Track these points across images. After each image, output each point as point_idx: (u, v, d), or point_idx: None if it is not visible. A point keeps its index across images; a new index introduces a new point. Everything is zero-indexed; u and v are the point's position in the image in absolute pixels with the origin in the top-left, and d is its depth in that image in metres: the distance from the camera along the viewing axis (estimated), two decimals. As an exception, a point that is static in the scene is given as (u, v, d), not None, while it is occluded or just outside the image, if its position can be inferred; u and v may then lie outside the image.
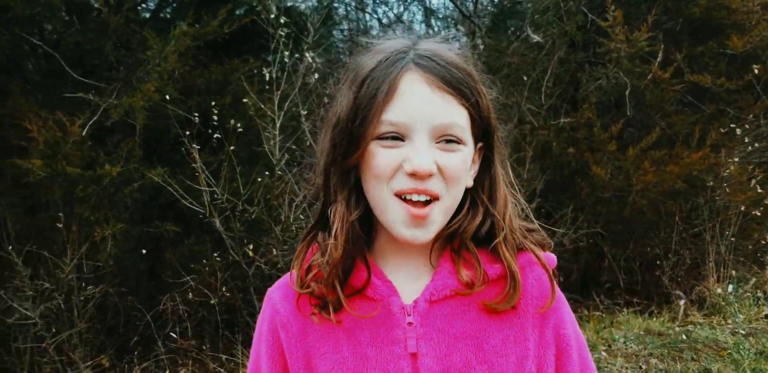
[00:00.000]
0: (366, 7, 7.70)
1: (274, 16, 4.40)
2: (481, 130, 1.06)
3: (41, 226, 4.39)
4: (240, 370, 4.41)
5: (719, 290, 5.26)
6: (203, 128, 4.23)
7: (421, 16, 7.70)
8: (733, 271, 5.53)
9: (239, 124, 4.09)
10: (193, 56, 4.32)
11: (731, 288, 5.32)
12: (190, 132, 4.08)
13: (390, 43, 1.06)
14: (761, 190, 5.39)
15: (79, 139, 3.90)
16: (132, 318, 4.64)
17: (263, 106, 4.13)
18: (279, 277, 1.16)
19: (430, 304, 1.05)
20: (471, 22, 6.41)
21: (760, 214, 5.54)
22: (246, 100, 4.20)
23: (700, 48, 5.35)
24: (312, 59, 4.51)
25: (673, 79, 5.16)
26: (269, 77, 4.07)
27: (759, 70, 5.25)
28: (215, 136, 4.22)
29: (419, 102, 0.98)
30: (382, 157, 0.99)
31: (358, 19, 7.98)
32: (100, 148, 4.14)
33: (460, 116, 1.01)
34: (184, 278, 4.44)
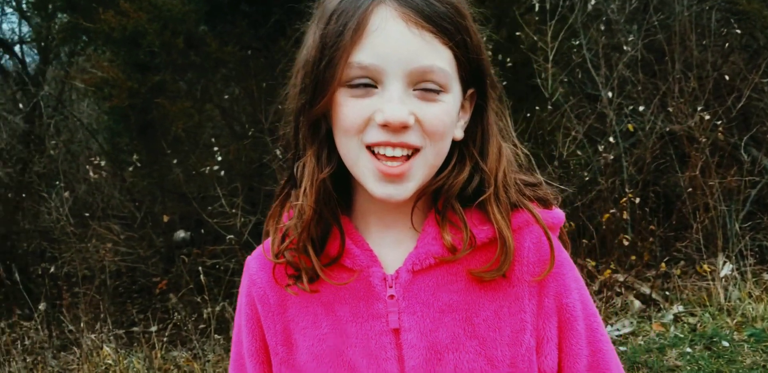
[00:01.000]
0: None
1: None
2: (470, 75, 0.91)
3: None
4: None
5: None
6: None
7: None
8: None
9: (507, 59, 4.07)
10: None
11: None
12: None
13: None
14: None
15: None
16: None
17: (534, 37, 4.04)
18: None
19: (413, 274, 0.93)
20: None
21: None
22: (519, 33, 4.15)
23: None
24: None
25: None
26: (538, 7, 3.95)
27: None
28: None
29: (393, 41, 0.84)
30: (350, 109, 0.87)
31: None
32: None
33: (442, 59, 0.87)
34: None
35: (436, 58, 0.86)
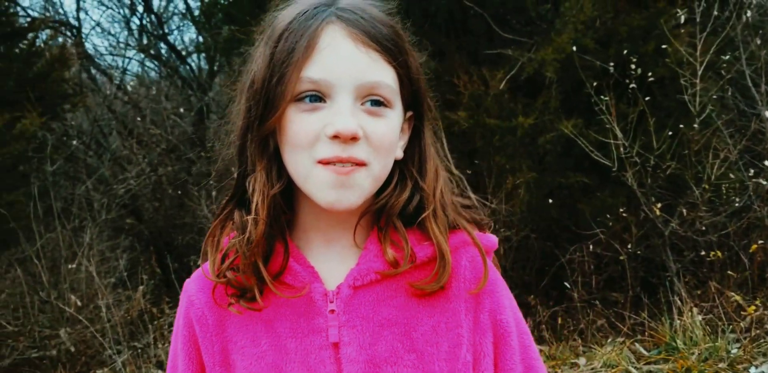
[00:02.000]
0: None
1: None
2: (411, 95, 0.95)
3: (478, 172, 4.92)
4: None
5: None
6: (620, 78, 4.10)
7: None
8: None
9: (649, 74, 3.83)
10: (612, 3, 4.17)
11: None
12: (606, 83, 4.00)
13: None
14: None
15: (499, 93, 4.18)
16: (542, 264, 4.87)
17: (683, 51, 3.77)
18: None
19: (354, 289, 0.94)
20: None
21: None
22: (665, 46, 3.90)
23: None
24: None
25: None
26: (685, 19, 3.69)
27: None
28: (631, 86, 4.05)
29: (342, 58, 0.88)
30: (300, 124, 0.89)
31: None
32: (518, 100, 4.36)
33: (387, 75, 0.90)
34: (593, 230, 4.46)
35: (382, 74, 0.90)
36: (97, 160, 6.45)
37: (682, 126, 4.01)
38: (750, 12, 3.98)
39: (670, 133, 3.95)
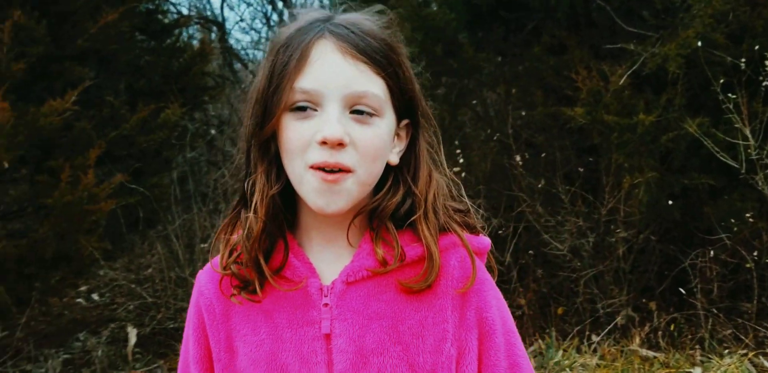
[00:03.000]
0: None
1: None
2: (403, 105, 1.03)
3: (591, 168, 4.77)
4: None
5: None
6: (753, 76, 3.82)
7: None
8: None
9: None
10: (747, -6, 3.89)
11: None
12: (737, 80, 3.75)
13: (312, 14, 1.04)
14: None
15: (619, 88, 4.04)
16: (661, 268, 4.66)
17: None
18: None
19: (347, 285, 1.02)
20: None
21: None
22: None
23: None
24: None
25: None
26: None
27: None
28: (764, 84, 3.77)
29: (331, 70, 0.97)
30: (293, 131, 0.97)
31: None
32: (640, 97, 4.19)
33: (375, 86, 0.98)
34: (718, 235, 4.20)
35: (369, 85, 0.98)
36: (234, 148, 6.88)
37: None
38: None
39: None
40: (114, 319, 5.13)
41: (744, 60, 3.73)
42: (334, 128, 0.95)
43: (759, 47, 3.74)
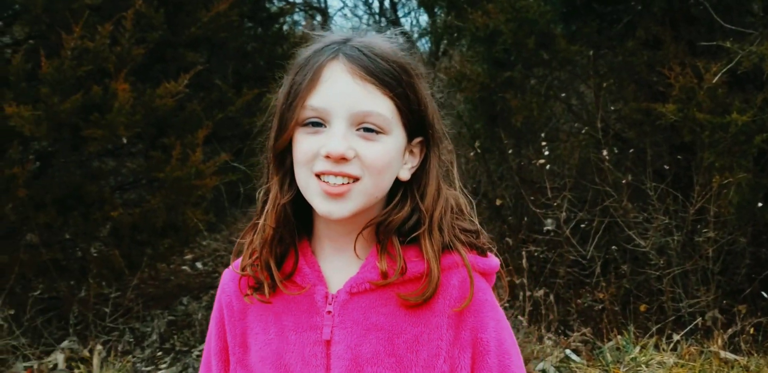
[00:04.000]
0: None
1: None
2: (414, 124, 1.07)
3: (682, 166, 4.70)
4: None
5: None
6: None
7: None
8: None
9: None
10: None
11: None
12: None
13: (330, 36, 1.09)
14: None
15: (713, 86, 3.98)
16: (750, 271, 4.55)
17: None
18: None
19: (350, 295, 1.08)
20: None
21: None
22: None
23: None
24: None
25: None
26: None
27: None
28: None
29: (339, 90, 1.02)
30: (303, 144, 1.04)
31: None
32: (735, 95, 4.10)
33: (382, 106, 1.03)
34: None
35: (375, 105, 1.03)
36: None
37: None
38: None
39: None
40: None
41: None
42: (337, 144, 1.01)
43: None
